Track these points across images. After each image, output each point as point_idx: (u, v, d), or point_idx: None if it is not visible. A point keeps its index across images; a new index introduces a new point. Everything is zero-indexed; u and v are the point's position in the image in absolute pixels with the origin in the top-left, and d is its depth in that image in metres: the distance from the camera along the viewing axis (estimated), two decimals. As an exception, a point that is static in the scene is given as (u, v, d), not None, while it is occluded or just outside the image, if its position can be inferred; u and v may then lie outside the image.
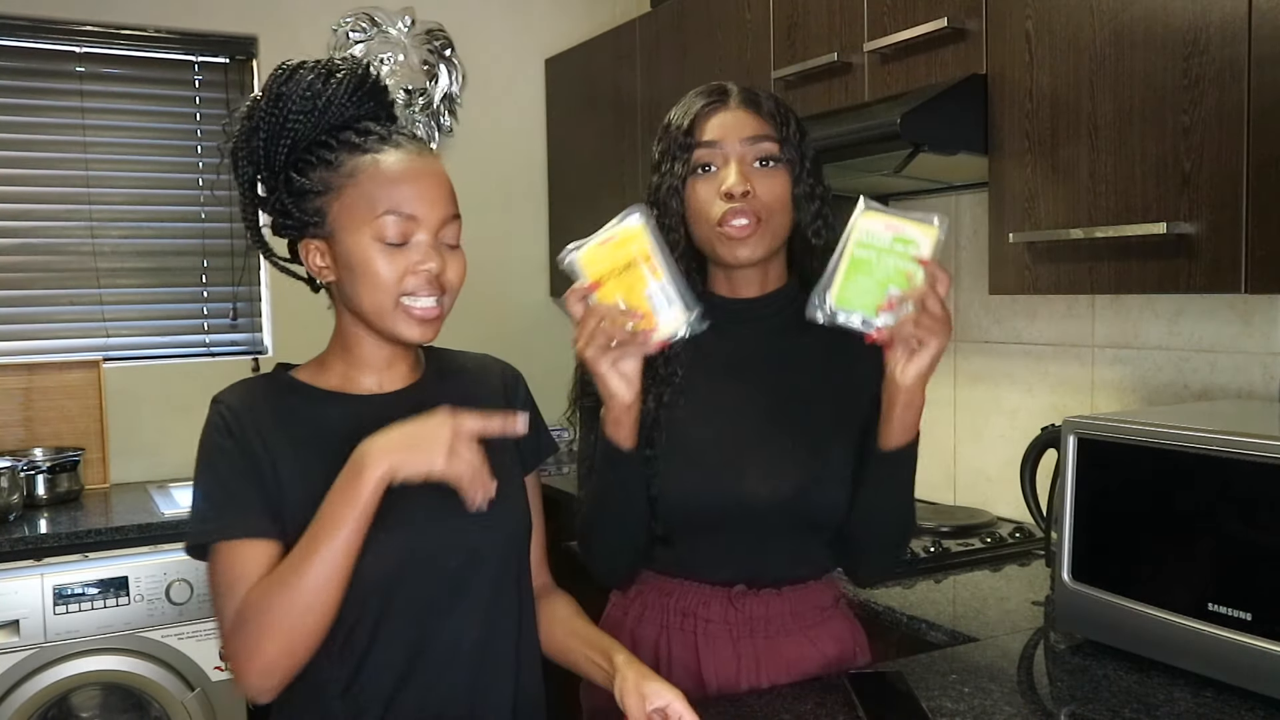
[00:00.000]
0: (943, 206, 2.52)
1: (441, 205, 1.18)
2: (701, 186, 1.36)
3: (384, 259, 1.16)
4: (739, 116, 1.36)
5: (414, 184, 1.17)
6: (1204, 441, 1.39)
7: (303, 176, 1.19)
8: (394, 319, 1.18)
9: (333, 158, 1.18)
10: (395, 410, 1.21)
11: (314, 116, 1.19)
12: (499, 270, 3.45)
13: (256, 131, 1.19)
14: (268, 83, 1.20)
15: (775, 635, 1.40)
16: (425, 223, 1.17)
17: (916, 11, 2.05)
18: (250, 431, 1.17)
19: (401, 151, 1.18)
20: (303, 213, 1.19)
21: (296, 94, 1.18)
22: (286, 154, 1.19)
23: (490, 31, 3.44)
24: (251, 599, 1.10)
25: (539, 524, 1.35)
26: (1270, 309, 1.87)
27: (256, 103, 1.20)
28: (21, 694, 2.29)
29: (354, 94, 1.21)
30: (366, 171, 1.17)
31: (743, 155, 1.35)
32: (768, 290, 1.43)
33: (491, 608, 1.22)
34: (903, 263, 1.19)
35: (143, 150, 3.10)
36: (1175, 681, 1.39)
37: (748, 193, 1.33)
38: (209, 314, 3.20)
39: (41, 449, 2.85)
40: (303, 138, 1.19)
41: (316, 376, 1.25)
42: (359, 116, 1.21)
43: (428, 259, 1.16)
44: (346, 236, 1.17)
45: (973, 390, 2.48)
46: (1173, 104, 1.61)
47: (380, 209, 1.15)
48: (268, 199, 1.23)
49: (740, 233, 1.34)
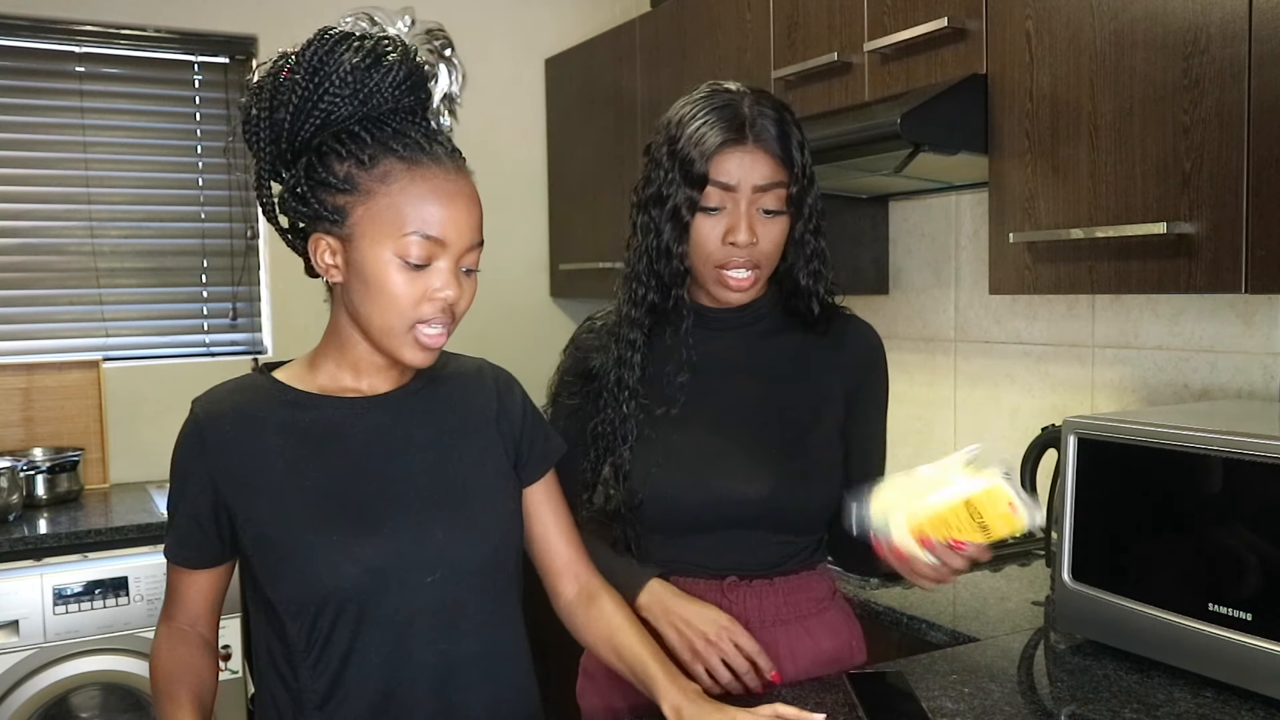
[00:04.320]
0: (942, 206, 2.52)
1: (470, 232, 1.13)
2: (706, 225, 1.35)
3: (403, 279, 1.10)
4: (756, 159, 1.33)
5: (447, 206, 1.10)
6: (1204, 441, 1.39)
7: (325, 166, 1.10)
8: (401, 342, 1.13)
9: (366, 156, 1.10)
10: (378, 415, 1.20)
11: (353, 102, 1.10)
12: (499, 270, 3.43)
13: (285, 103, 1.09)
14: (306, 49, 1.10)
15: (770, 625, 1.40)
16: (451, 249, 1.11)
17: (916, 11, 2.05)
18: (214, 449, 1.16)
19: (439, 167, 1.12)
20: (320, 204, 1.11)
21: (338, 72, 1.09)
22: (313, 134, 1.11)
23: (490, 31, 3.44)
24: (156, 672, 1.21)
25: (565, 522, 1.32)
26: (1270, 309, 1.87)
27: (289, 68, 1.09)
28: (21, 694, 2.29)
29: (402, 85, 1.13)
30: (400, 182, 1.10)
31: (753, 202, 1.34)
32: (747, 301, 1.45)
33: (469, 620, 1.20)
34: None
35: (143, 150, 3.10)
36: (1175, 681, 1.39)
37: (754, 243, 1.34)
38: (209, 314, 3.20)
39: (41, 449, 2.86)
40: (335, 121, 1.10)
41: (302, 377, 1.21)
42: (400, 111, 1.14)
43: (447, 287, 1.11)
44: (367, 246, 1.10)
45: (973, 390, 2.48)
46: (1173, 104, 1.61)
47: (409, 228, 1.09)
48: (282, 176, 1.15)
49: (740, 285, 1.36)
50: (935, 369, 2.57)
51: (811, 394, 1.44)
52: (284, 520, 1.14)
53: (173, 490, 1.20)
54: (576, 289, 3.43)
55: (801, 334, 1.46)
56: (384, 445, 1.19)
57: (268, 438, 1.16)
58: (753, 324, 1.46)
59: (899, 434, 1.60)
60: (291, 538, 1.13)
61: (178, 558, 1.21)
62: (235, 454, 1.15)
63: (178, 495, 1.19)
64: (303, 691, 1.15)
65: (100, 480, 2.96)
